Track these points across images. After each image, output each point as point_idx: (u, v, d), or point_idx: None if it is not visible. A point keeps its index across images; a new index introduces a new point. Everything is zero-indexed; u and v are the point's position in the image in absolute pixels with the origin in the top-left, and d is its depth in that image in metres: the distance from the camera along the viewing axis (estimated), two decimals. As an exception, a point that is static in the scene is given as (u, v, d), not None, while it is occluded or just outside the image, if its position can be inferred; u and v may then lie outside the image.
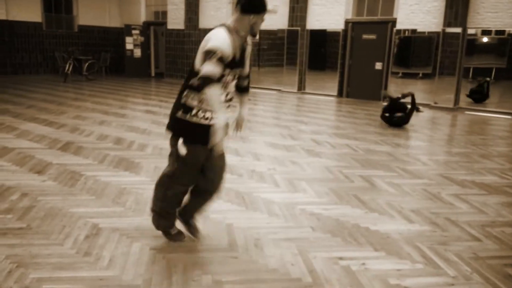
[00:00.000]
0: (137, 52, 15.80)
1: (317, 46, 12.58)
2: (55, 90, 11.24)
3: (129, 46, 15.60)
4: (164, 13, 15.46)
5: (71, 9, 15.47)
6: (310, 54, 12.56)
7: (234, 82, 2.67)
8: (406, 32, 10.73)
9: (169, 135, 2.75)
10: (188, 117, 2.57)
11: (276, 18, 12.74)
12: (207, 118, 2.57)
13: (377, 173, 4.85)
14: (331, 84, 12.27)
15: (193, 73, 2.52)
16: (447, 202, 3.98)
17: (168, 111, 2.76)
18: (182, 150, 2.59)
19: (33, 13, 14.23)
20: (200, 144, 2.60)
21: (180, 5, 14.60)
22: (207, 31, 2.65)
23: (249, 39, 2.68)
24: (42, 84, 12.41)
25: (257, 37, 13.35)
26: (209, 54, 2.37)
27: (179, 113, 2.59)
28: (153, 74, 16.61)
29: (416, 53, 11.08)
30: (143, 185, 4.14)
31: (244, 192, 4.02)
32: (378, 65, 11.30)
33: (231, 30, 2.51)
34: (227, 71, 2.51)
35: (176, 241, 2.95)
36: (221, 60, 2.38)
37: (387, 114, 7.82)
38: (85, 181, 4.17)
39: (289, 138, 6.50)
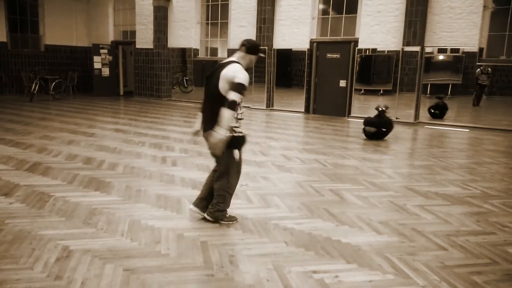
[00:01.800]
0: (105, 71, 15.65)
1: (283, 64, 12.87)
2: (21, 110, 10.96)
3: (97, 65, 15.44)
4: (133, 33, 15.44)
5: (37, 29, 15.21)
6: (277, 72, 12.83)
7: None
8: (368, 51, 11.16)
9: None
10: (236, 134, 3.43)
11: (244, 37, 12.95)
12: (239, 132, 3.46)
13: (346, 186, 4.99)
14: (298, 101, 12.53)
15: (219, 96, 3.29)
16: (412, 213, 4.14)
17: (138, 130, 2.95)
18: (237, 155, 3.51)
19: (-3, 33, 13.90)
20: (240, 147, 3.54)
21: (149, 25, 14.63)
22: (175, 50, 3.22)
23: None
24: (7, 105, 12.07)
25: (226, 55, 13.54)
26: (239, 88, 3.19)
27: (230, 132, 3.34)
28: (121, 92, 16.46)
29: (377, 71, 11.53)
30: (114, 204, 4.10)
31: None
32: (342, 83, 11.66)
33: (243, 66, 3.38)
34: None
35: (232, 221, 3.70)
36: (243, 92, 3.24)
37: (372, 130, 8.09)
38: (54, 203, 4.09)
39: (260, 154, 6.59)
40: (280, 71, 12.78)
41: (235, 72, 3.27)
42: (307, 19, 11.92)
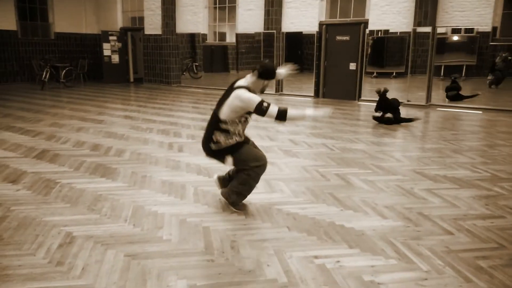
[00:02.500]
0: (115, 58, 15.67)
1: (293, 48, 12.70)
2: (32, 98, 11.06)
3: (106, 52, 15.45)
4: (141, 19, 15.38)
5: (47, 16, 15.25)
6: (287, 56, 12.67)
7: (247, 123, 3.65)
8: (380, 33, 10.91)
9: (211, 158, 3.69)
10: (221, 145, 3.51)
11: (252, 21, 12.82)
12: (230, 143, 3.52)
13: (353, 170, 4.93)
14: (308, 85, 12.39)
15: (217, 120, 3.43)
16: (420, 197, 4.07)
17: (146, 116, 3.04)
18: (230, 160, 3.57)
19: (7, 22, 13.96)
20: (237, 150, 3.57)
21: (157, 11, 14.55)
22: (184, 35, 3.29)
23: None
24: (18, 93, 12.20)
25: (234, 40, 13.44)
26: (262, 108, 3.28)
27: (214, 146, 3.51)
28: (131, 79, 16.49)
29: (390, 53, 11.29)
30: (119, 191, 4.12)
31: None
32: (352, 66, 11.47)
33: (251, 91, 3.39)
34: (249, 116, 3.56)
35: (241, 210, 3.64)
36: (267, 107, 3.31)
37: (378, 114, 7.98)
38: (60, 189, 4.13)
39: (267, 139, 6.54)
40: (290, 55, 12.62)
41: (241, 96, 3.31)
42: (315, 1, 11.70)
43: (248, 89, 3.38)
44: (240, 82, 3.45)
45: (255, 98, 3.28)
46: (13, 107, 9.49)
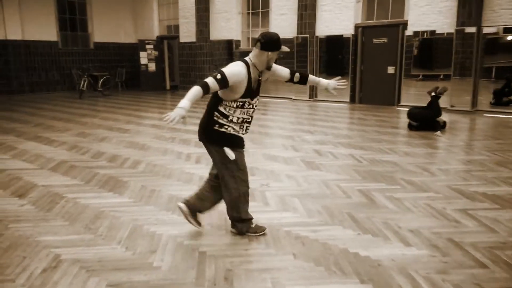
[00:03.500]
0: (152, 66, 15.85)
1: (333, 52, 12.26)
2: (68, 107, 11.30)
3: (143, 60, 15.66)
4: (177, 27, 15.47)
5: (86, 27, 15.68)
6: (328, 60, 12.25)
7: (254, 110, 3.14)
8: (425, 34, 10.19)
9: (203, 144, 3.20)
10: (223, 129, 3.07)
11: (285, 26, 12.50)
12: (235, 131, 3.11)
13: (379, 186, 4.47)
14: (344, 91, 11.85)
15: (216, 97, 3.05)
16: (452, 219, 3.57)
17: (175, 125, 2.91)
18: (231, 154, 3.07)
19: (49, 33, 14.46)
20: (238, 147, 3.16)
21: (191, 18, 14.56)
22: (221, 42, 3.14)
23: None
24: (57, 102, 12.54)
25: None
26: (215, 73, 2.87)
27: (216, 126, 3.06)
28: (168, 87, 16.62)
29: (437, 54, 10.50)
30: (123, 207, 3.91)
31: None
32: (391, 69, 10.87)
33: (251, 64, 3.00)
34: (246, 99, 3.03)
35: (258, 232, 3.27)
36: (220, 81, 2.84)
37: (414, 123, 7.45)
38: (64, 205, 3.98)
39: (291, 150, 6.18)
40: (330, 59, 12.18)
41: (228, 66, 2.97)
42: (351, 3, 11.22)
43: (247, 64, 2.99)
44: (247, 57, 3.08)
45: (226, 68, 2.91)
46: (46, 116, 9.69)
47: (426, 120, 7.42)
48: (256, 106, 3.15)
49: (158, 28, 16.33)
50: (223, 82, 2.84)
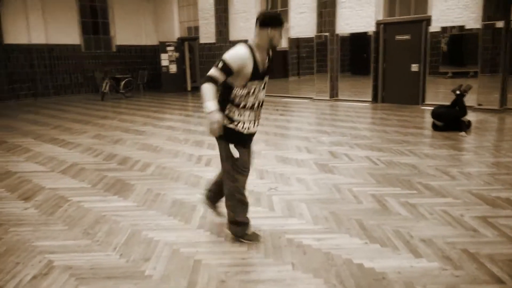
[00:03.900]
0: (173, 68, 15.90)
1: (355, 50, 11.95)
2: (89, 109, 11.44)
3: (164, 62, 15.73)
4: (197, 28, 15.47)
5: (109, 30, 15.89)
6: (349, 58, 11.96)
7: (263, 91, 2.98)
8: (453, 30, 9.75)
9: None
10: (233, 125, 2.93)
11: (304, 25, 12.28)
12: (245, 128, 2.95)
13: (393, 190, 4.23)
14: (366, 89, 11.55)
15: (226, 85, 2.86)
16: (469, 227, 3.31)
17: (188, 126, 2.82)
18: (235, 152, 2.95)
19: (72, 36, 14.72)
20: (242, 145, 3.00)
21: (211, 19, 14.52)
22: (237, 43, 2.92)
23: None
24: (79, 104, 12.73)
25: (284, 45, 12.98)
26: (218, 62, 2.74)
27: (226, 121, 2.90)
28: (189, 88, 16.65)
29: (467, 50, 10.01)
30: (125, 211, 3.83)
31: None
32: (414, 67, 10.47)
33: (254, 46, 2.84)
34: (254, 82, 2.85)
35: (253, 240, 3.12)
36: (223, 69, 2.71)
37: (439, 123, 7.13)
38: (67, 208, 3.93)
39: (305, 151, 5.99)
40: (355, 57, 11.88)
41: (228, 51, 2.81)
42: (372, -1, 10.88)
43: (250, 46, 2.83)
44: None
45: (227, 55, 2.75)
46: (66, 118, 9.81)
47: (451, 120, 7.07)
48: (266, 85, 3.00)
49: (178, 29, 16.39)
50: (227, 69, 2.72)
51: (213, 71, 2.73)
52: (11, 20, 13.15)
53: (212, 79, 2.71)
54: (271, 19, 2.83)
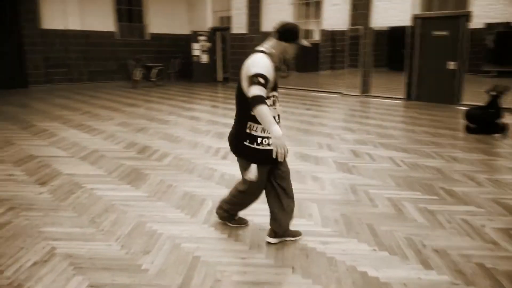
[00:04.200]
0: (204, 58, 15.93)
1: (389, 45, 11.57)
2: (119, 97, 11.62)
3: (196, 52, 15.77)
4: (230, 18, 15.39)
5: (143, 18, 16.06)
6: (382, 53, 11.60)
7: (278, 103, 2.84)
8: (498, 26, 9.19)
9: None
10: (255, 145, 2.77)
11: (337, 17, 11.96)
12: (269, 144, 2.76)
13: (412, 195, 4.03)
14: (399, 86, 11.16)
15: (241, 99, 2.73)
16: (489, 240, 3.09)
17: (213, 117, 2.74)
18: (254, 173, 2.80)
19: (107, 23, 14.97)
20: (268, 164, 2.82)
21: (243, 10, 14.39)
22: (268, 34, 2.85)
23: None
24: (110, 91, 12.96)
25: (317, 38, 12.76)
26: (255, 79, 2.53)
27: (247, 142, 2.78)
28: (220, 78, 16.65)
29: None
30: (135, 201, 3.83)
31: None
32: (451, 64, 9.99)
33: (269, 56, 2.69)
34: (273, 93, 2.75)
35: (241, 224, 3.29)
36: (265, 84, 2.55)
37: (472, 126, 6.80)
38: (79, 195, 3.97)
39: (326, 149, 5.82)
40: (384, 52, 11.51)
41: (252, 63, 2.63)
42: (410, -7, 10.44)
43: (267, 54, 2.69)
44: (259, 47, 2.78)
45: (261, 65, 2.58)
46: (96, 104, 10.00)
47: (485, 122, 6.70)
48: (277, 101, 2.83)
49: (211, 19, 16.35)
50: (267, 83, 2.57)
51: (259, 91, 2.51)
52: (49, 6, 13.49)
53: (263, 99, 2.50)
54: (289, 34, 2.71)
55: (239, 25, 14.74)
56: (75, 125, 7.40)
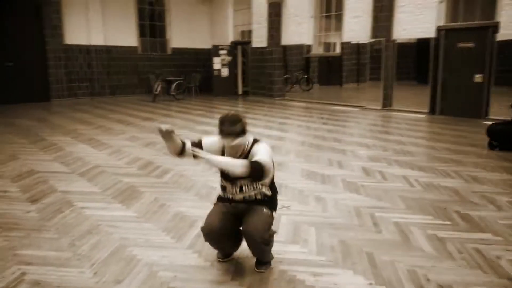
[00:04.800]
0: (224, 72, 15.88)
1: (412, 57, 11.17)
2: (137, 110, 11.63)
3: (216, 66, 15.74)
4: (251, 32, 15.32)
5: (165, 33, 16.21)
6: (404, 66, 11.20)
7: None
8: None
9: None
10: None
11: (358, 29, 11.65)
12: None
13: (422, 219, 3.66)
14: (422, 100, 10.71)
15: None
16: (503, 275, 2.71)
17: None
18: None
19: (130, 39, 15.17)
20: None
21: (264, 23, 14.28)
22: (293, 48, 2.70)
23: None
24: (130, 104, 13.01)
25: (337, 50, 12.32)
26: (265, 163, 2.58)
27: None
28: (240, 92, 16.54)
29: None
30: (121, 222, 3.64)
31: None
32: (478, 77, 9.47)
33: None
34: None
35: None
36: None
37: (494, 143, 6.36)
38: (67, 215, 3.81)
39: (335, 166, 5.50)
40: (407, 65, 11.13)
41: (263, 153, 2.69)
42: (433, 3, 10.04)
43: None
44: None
45: (268, 156, 2.70)
46: (112, 118, 10.01)
47: (508, 138, 6.22)
48: None
49: (232, 33, 16.33)
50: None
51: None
52: (72, 22, 13.78)
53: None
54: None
55: (259, 39, 14.63)
56: (84, 140, 7.36)
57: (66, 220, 3.68)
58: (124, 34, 15.00)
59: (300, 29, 13.30)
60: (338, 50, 13.85)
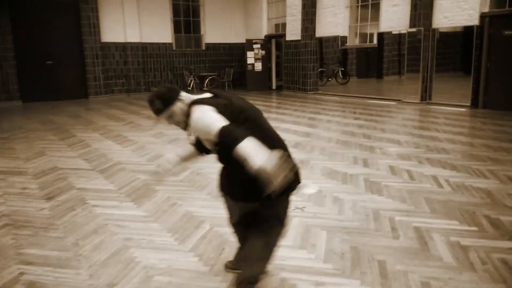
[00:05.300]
0: (258, 66, 15.71)
1: (454, 47, 10.54)
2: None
3: (250, 60, 15.60)
4: (285, 25, 15.04)
5: (199, 28, 16.25)
6: (446, 56, 10.59)
7: None
8: None
9: None
10: None
11: (396, 19, 11.12)
12: None
13: (447, 224, 3.36)
14: (464, 92, 10.08)
15: None
16: (532, 293, 2.40)
17: None
18: None
19: (164, 35, 15.32)
20: None
21: (298, 15, 13.97)
22: (330, 40, 2.49)
23: None
24: (163, 100, 13.12)
25: (383, 42, 11.80)
26: None
27: None
28: (273, 86, 16.33)
29: None
30: (129, 221, 3.58)
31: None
32: (525, 67, 8.77)
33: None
34: None
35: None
36: None
37: None
38: (77, 213, 3.81)
39: (360, 164, 5.22)
40: (449, 55, 10.53)
41: None
42: (476, -12, 9.38)
43: None
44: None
45: None
46: (143, 114, 10.12)
47: None
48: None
49: (266, 27, 16.11)
50: None
51: None
52: (109, 20, 14.07)
53: None
54: None
55: (293, 32, 14.33)
56: (112, 136, 7.45)
57: (75, 219, 3.68)
58: (159, 30, 15.15)
59: (335, 20, 12.89)
60: (375, 41, 13.31)
